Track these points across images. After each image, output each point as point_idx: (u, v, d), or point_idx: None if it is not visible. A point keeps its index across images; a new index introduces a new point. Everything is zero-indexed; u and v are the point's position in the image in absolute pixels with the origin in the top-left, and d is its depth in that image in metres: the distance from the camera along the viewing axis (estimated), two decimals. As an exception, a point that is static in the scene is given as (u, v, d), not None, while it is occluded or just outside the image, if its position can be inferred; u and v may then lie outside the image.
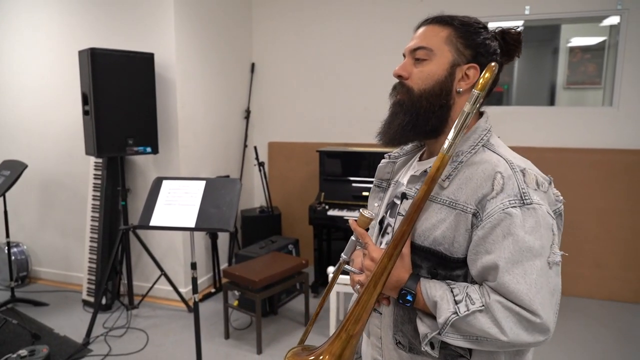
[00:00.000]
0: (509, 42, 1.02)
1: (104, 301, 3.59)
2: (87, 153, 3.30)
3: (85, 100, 3.20)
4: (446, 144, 0.89)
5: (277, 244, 3.83)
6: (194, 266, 2.48)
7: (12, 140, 4.21)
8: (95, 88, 3.10)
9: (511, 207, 0.88)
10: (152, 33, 3.55)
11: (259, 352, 3.01)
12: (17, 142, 4.19)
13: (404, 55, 1.04)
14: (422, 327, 0.94)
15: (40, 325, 3.38)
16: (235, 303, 3.42)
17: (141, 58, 3.31)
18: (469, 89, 0.99)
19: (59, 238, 4.20)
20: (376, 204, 1.18)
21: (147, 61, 3.34)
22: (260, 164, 4.30)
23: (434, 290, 0.92)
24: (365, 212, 1.02)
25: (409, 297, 0.93)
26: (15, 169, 3.56)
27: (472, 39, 0.99)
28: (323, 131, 4.46)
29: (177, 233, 3.67)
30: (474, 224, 0.91)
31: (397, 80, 1.04)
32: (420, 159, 1.11)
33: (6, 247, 3.86)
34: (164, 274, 3.54)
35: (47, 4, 3.86)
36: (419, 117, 1.00)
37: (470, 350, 0.95)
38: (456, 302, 0.88)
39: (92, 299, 3.68)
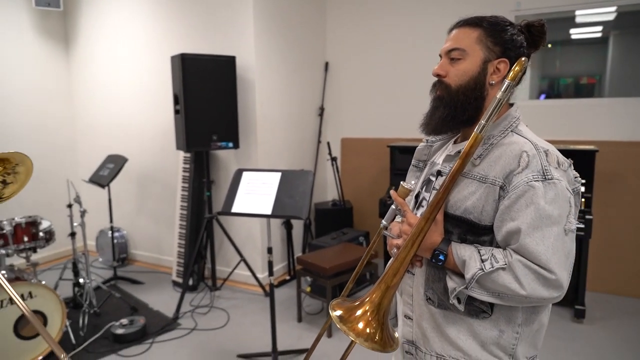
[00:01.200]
0: (535, 34, 1.13)
1: (190, 282, 3.97)
2: (178, 148, 3.66)
3: (176, 101, 3.56)
4: (479, 126, 1.01)
5: (348, 236, 3.98)
6: (270, 250, 2.71)
7: (115, 137, 4.75)
8: (185, 89, 3.44)
9: (534, 180, 1.01)
10: (233, 37, 3.85)
11: (329, 335, 3.19)
12: (119, 138, 4.72)
13: (440, 56, 1.18)
14: (451, 283, 1.08)
15: (137, 300, 3.82)
16: (308, 289, 3.62)
17: (224, 61, 3.61)
18: (500, 80, 1.11)
19: (153, 225, 4.67)
20: (413, 182, 1.34)
21: (229, 64, 3.64)
22: (333, 159, 4.48)
23: (463, 251, 1.06)
24: (405, 184, 1.17)
25: (441, 257, 1.07)
26: (118, 163, 4.03)
27: (500, 37, 1.11)
28: (394, 127, 4.53)
29: (255, 222, 3.95)
30: (501, 195, 1.04)
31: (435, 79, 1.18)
32: (455, 142, 1.24)
33: (110, 232, 4.38)
34: (243, 259, 3.84)
35: (142, 14, 4.32)
36: (457, 109, 1.13)
37: (492, 307, 1.08)
38: (482, 261, 1.02)
39: (180, 280, 4.08)
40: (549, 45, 4.18)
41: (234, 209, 2.64)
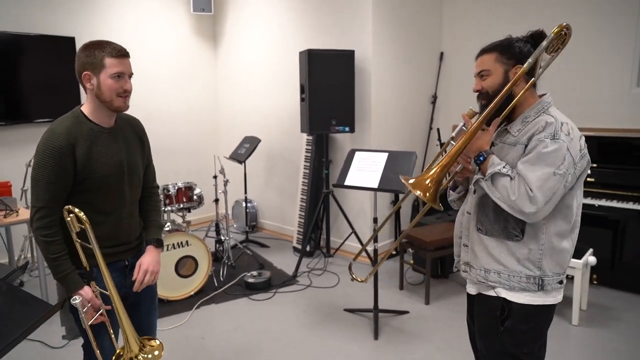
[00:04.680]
0: (537, 40, 1.55)
1: (308, 248, 4.55)
2: (302, 131, 4.23)
3: (302, 90, 4.12)
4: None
5: (452, 217, 4.22)
6: (375, 220, 3.12)
7: (251, 121, 5.53)
8: (309, 80, 3.98)
9: (545, 138, 1.45)
10: (353, 33, 4.29)
11: (427, 302, 3.52)
12: (254, 122, 5.49)
13: (475, 76, 1.66)
14: (476, 176, 1.57)
15: (264, 259, 4.52)
16: (412, 262, 3.97)
17: (344, 55, 4.07)
18: (520, 80, 1.53)
19: (278, 198, 5.37)
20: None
21: (348, 57, 4.08)
22: (442, 144, 4.71)
23: (496, 160, 1.52)
24: (472, 108, 1.64)
25: (481, 158, 1.53)
26: (253, 143, 4.75)
27: (510, 52, 1.56)
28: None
29: (366, 198, 4.38)
30: (525, 151, 1.50)
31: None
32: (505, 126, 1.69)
33: (244, 202, 5.15)
34: (354, 232, 4.30)
35: (275, 16, 4.96)
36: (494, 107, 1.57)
37: (522, 233, 1.52)
38: (504, 167, 1.49)
39: (299, 246, 4.69)
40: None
41: (347, 182, 3.10)
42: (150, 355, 1.58)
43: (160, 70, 5.31)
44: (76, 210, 1.59)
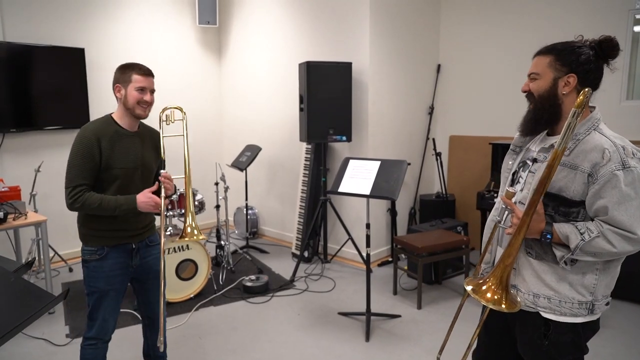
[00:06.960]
0: (605, 49, 1.46)
1: (306, 254, 4.67)
2: (301, 140, 4.37)
3: (301, 100, 4.27)
4: (557, 144, 1.35)
5: (446, 224, 4.33)
6: (368, 226, 3.24)
7: (252, 130, 5.68)
8: (308, 91, 4.13)
9: (616, 170, 1.37)
10: (351, 46, 4.44)
11: (419, 307, 3.61)
12: (255, 131, 5.64)
13: (527, 75, 1.60)
14: (558, 252, 1.46)
15: (263, 264, 4.63)
16: (405, 268, 4.07)
17: (342, 66, 4.22)
18: (571, 90, 1.48)
19: (279, 205, 5.50)
20: (510, 162, 1.72)
21: (346, 69, 4.23)
22: (438, 154, 4.83)
23: (564, 228, 1.44)
24: (510, 189, 1.54)
25: (548, 236, 1.44)
26: (254, 151, 4.89)
27: (567, 59, 1.48)
28: (502, 126, 4.73)
29: (363, 206, 4.50)
30: (590, 180, 1.41)
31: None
32: (548, 134, 1.61)
33: (245, 209, 5.29)
34: (350, 238, 4.42)
35: (277, 29, 5.13)
36: (537, 112, 1.54)
37: (575, 259, 1.46)
38: (581, 233, 1.40)
39: (298, 252, 4.80)
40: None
41: (340, 189, 3.23)
42: (195, 233, 2.10)
43: (166, 80, 5.48)
44: None
